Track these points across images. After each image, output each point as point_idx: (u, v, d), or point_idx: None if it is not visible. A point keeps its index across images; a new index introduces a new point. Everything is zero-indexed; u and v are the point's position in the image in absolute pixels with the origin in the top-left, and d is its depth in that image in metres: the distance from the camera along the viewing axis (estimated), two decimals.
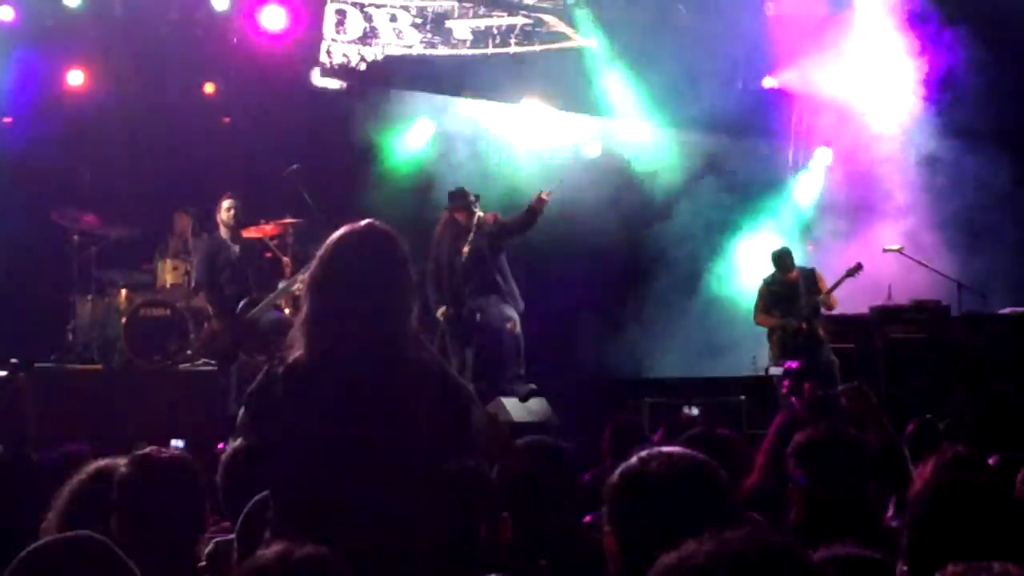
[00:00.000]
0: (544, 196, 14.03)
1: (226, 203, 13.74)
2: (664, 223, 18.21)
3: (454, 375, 4.77)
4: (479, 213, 14.18)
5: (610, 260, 18.26)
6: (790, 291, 15.46)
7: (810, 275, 15.65)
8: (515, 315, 14.19)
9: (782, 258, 15.52)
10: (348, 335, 4.42)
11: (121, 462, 4.51)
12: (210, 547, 4.90)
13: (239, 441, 4.98)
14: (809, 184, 19.15)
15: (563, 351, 17.70)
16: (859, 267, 15.54)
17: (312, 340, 4.46)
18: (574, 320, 18.13)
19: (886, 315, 16.29)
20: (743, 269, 17.82)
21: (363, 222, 4.64)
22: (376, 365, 4.40)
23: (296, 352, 4.50)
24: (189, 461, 4.58)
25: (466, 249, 14.07)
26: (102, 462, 4.58)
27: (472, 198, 14.24)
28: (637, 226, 18.38)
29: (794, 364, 13.32)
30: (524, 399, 14.01)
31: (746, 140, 18.83)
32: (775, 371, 14.77)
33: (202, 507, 4.50)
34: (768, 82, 18.95)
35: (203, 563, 4.57)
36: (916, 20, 17.92)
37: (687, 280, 18.13)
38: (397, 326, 4.46)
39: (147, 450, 4.54)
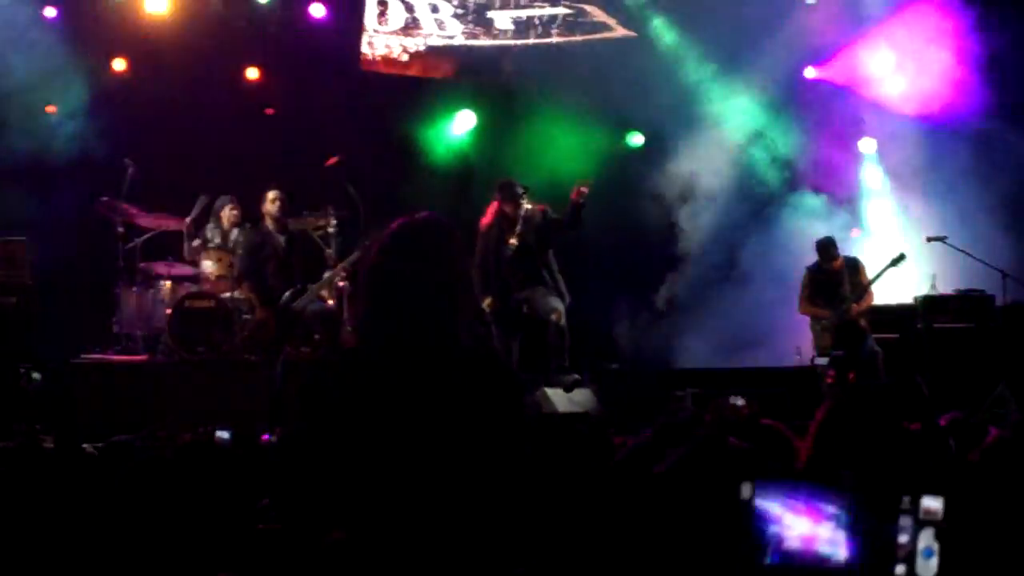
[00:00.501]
0: (582, 189, 14.00)
1: (271, 194, 13.76)
2: (702, 208, 18.14)
3: (506, 365, 4.76)
4: (527, 205, 14.18)
5: (647, 245, 18.23)
6: (834, 281, 15.40)
7: (854, 265, 15.58)
8: (561, 307, 14.19)
9: (826, 247, 15.45)
10: (402, 326, 4.43)
11: (168, 453, 4.54)
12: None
13: (290, 430, 4.99)
14: (854, 172, 19.04)
15: (601, 339, 17.67)
16: (902, 257, 15.47)
17: (366, 331, 4.47)
18: (610, 307, 18.06)
19: (930, 305, 16.21)
20: (784, 255, 17.67)
21: (420, 213, 4.64)
22: (429, 357, 4.41)
23: (350, 343, 4.52)
24: (233, 450, 4.60)
25: (513, 241, 14.08)
26: (149, 454, 4.62)
27: (520, 190, 14.24)
28: (672, 211, 18.31)
29: (840, 353, 13.27)
30: (568, 389, 14.01)
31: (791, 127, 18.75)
32: (820, 361, 14.72)
33: (248, 496, 4.51)
34: (809, 72, 18.84)
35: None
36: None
37: (725, 266, 18.06)
38: (449, 319, 4.47)
39: (193, 438, 4.56)
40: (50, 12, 16.65)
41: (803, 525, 1.40)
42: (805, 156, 18.75)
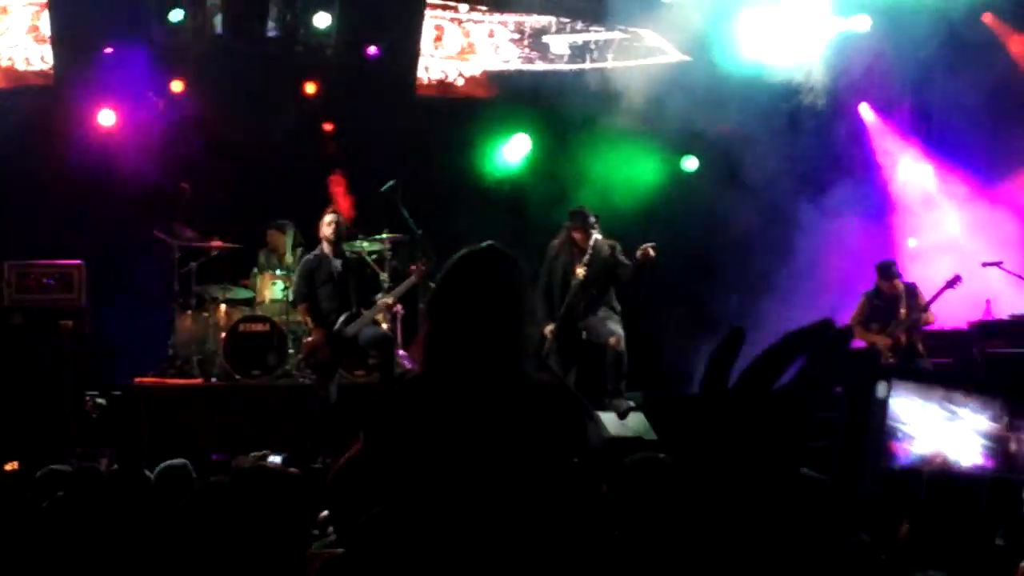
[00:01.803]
0: (649, 252, 13.91)
1: (328, 218, 13.74)
2: (752, 215, 18.04)
3: (571, 392, 4.75)
4: (597, 236, 14.16)
5: (703, 267, 18.17)
6: (891, 305, 15.29)
7: (912, 290, 15.47)
8: (620, 332, 14.15)
9: (887, 268, 15.34)
10: (466, 356, 4.43)
11: (224, 480, 4.51)
12: (321, 565, 4.90)
13: (352, 456, 4.96)
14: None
15: (648, 356, 17.60)
16: (957, 279, 15.33)
17: (430, 359, 4.48)
18: (658, 321, 17.97)
19: (985, 330, 16.09)
20: (840, 271, 17.50)
21: (484, 244, 4.66)
22: (493, 386, 4.40)
23: (414, 370, 4.52)
24: (292, 477, 4.57)
25: (581, 271, 14.05)
26: (206, 481, 4.58)
27: (592, 219, 14.21)
28: (723, 218, 18.22)
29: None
30: (622, 415, 13.95)
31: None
32: (880, 391, 14.61)
33: (306, 524, 4.48)
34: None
35: None
36: None
37: (781, 285, 17.94)
38: (514, 348, 4.47)
39: (251, 465, 4.54)
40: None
41: (935, 428, 1.36)
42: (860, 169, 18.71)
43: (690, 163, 18.91)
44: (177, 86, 17.19)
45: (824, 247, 17.61)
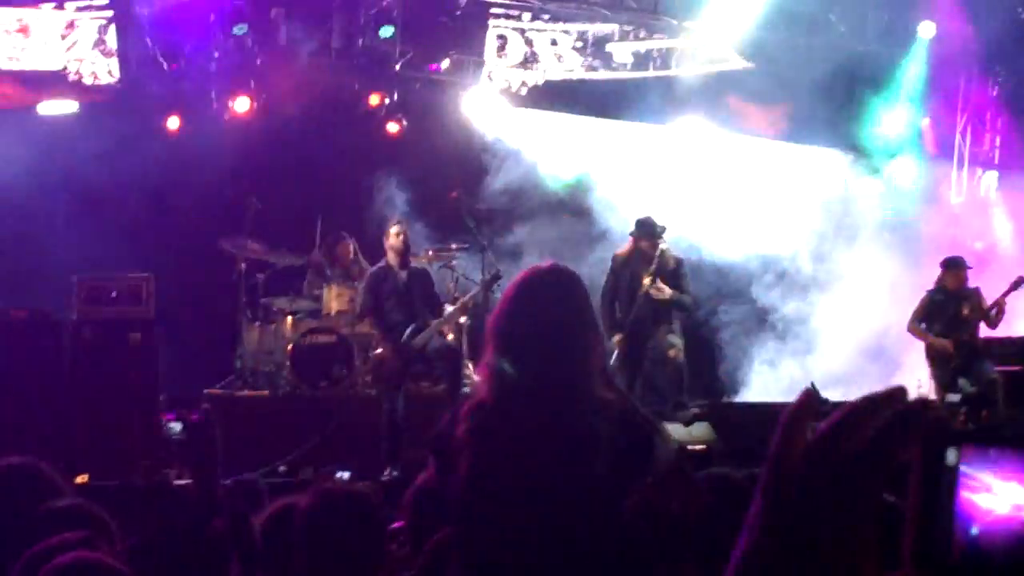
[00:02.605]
0: None
1: (395, 228, 13.70)
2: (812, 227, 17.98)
3: (639, 410, 4.72)
4: (663, 246, 14.14)
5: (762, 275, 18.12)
6: (954, 303, 15.12)
7: (972, 293, 15.30)
8: (680, 343, 14.13)
9: (956, 265, 15.19)
10: (531, 377, 4.41)
11: (301, 500, 4.51)
12: None
13: (426, 479, 4.96)
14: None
15: (719, 373, 17.56)
16: (1022, 280, 15.15)
17: (495, 381, 4.45)
18: (715, 332, 17.91)
19: None
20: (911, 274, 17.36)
21: (546, 263, 4.64)
22: (559, 407, 4.38)
23: (480, 392, 4.49)
24: (368, 496, 4.57)
25: (647, 281, 14.03)
26: (284, 501, 4.58)
27: (659, 229, 14.19)
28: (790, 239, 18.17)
29: (973, 391, 13.04)
30: (688, 424, 13.90)
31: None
32: (952, 398, 14.46)
33: (382, 542, 4.47)
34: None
35: None
36: None
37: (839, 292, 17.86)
38: (581, 367, 4.45)
39: (328, 485, 4.54)
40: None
41: (1014, 492, 1.33)
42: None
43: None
44: (243, 104, 17.25)
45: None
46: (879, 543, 1.35)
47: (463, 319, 14.73)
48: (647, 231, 14.21)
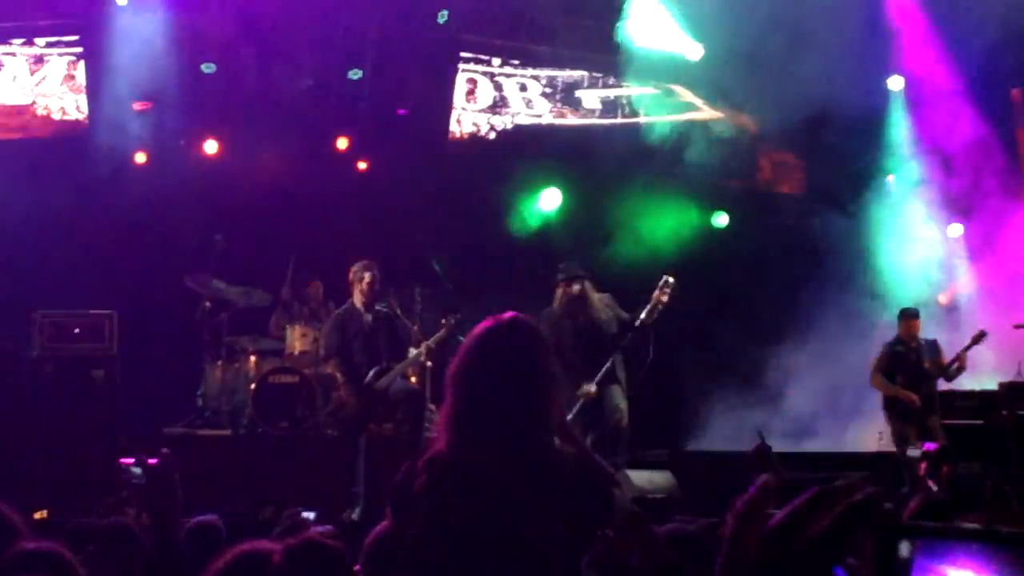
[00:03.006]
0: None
1: (364, 271, 13.61)
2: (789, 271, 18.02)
3: (596, 462, 4.71)
4: (582, 290, 13.64)
5: (732, 323, 18.15)
6: (916, 357, 15.16)
7: (933, 345, 15.35)
8: (624, 405, 13.66)
9: (912, 312, 15.20)
10: (491, 430, 4.40)
11: (268, 546, 4.48)
12: None
13: (383, 530, 4.95)
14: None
15: (680, 420, 17.59)
16: (983, 334, 15.22)
17: (454, 434, 4.45)
18: (689, 387, 17.92)
19: (1016, 392, 15.97)
20: (867, 332, 17.43)
21: (506, 315, 4.63)
22: (518, 463, 4.38)
23: (438, 446, 4.48)
24: (342, 551, 4.55)
25: (645, 316, 13.56)
26: (246, 546, 4.55)
27: (579, 272, 13.82)
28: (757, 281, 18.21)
29: (933, 446, 13.08)
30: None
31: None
32: (913, 453, 14.48)
33: None
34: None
35: None
36: None
37: (803, 345, 17.89)
38: (539, 421, 4.44)
39: (300, 538, 4.51)
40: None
41: None
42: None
43: (721, 219, 18.87)
44: (211, 146, 17.26)
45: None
46: None
47: (427, 362, 14.72)
48: (569, 275, 13.80)
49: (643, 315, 13.29)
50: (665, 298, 13.24)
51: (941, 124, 18.34)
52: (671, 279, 13.22)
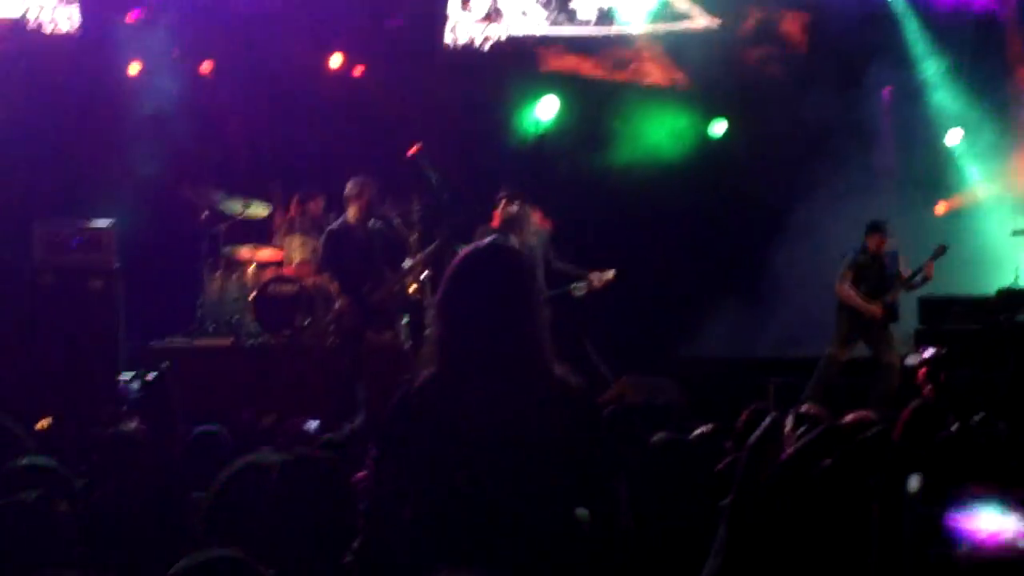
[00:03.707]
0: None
1: (367, 189, 13.59)
2: (792, 184, 17.98)
3: (591, 396, 4.75)
4: (520, 211, 13.70)
5: (730, 231, 18.14)
6: (877, 265, 15.05)
7: (894, 257, 15.19)
8: None
9: (881, 225, 15.08)
10: (479, 353, 4.44)
11: (271, 457, 4.55)
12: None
13: (373, 457, 4.98)
14: None
15: (685, 327, 17.62)
16: (943, 249, 15.11)
17: (443, 358, 4.48)
18: (701, 291, 17.93)
19: (1012, 298, 16.04)
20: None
21: (486, 240, 4.66)
22: (510, 384, 4.41)
23: (427, 370, 4.52)
24: (340, 462, 4.62)
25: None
26: (249, 457, 4.62)
27: (520, 193, 13.84)
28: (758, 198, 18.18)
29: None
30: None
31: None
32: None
33: (354, 506, 4.51)
34: None
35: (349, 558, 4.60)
36: None
37: (807, 251, 17.89)
38: (527, 341, 4.47)
39: (300, 450, 4.58)
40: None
41: (991, 519, 1.41)
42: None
43: (718, 127, 18.79)
44: (206, 66, 17.16)
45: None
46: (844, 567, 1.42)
47: (424, 273, 14.76)
48: (512, 192, 13.83)
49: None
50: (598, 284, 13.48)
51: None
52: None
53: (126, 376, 13.62)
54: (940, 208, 18.54)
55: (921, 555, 1.30)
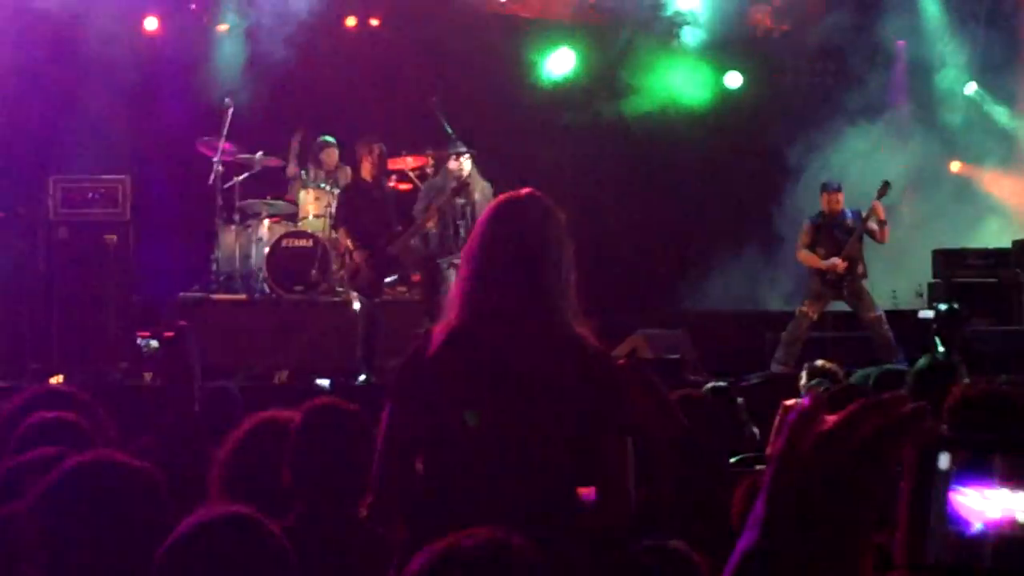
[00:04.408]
0: None
1: (376, 148, 13.56)
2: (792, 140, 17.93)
3: (608, 355, 4.72)
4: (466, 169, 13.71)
5: (741, 186, 18.09)
6: (834, 225, 14.77)
7: (857, 215, 14.89)
8: None
9: (830, 187, 14.86)
10: (503, 303, 4.41)
11: (286, 414, 4.54)
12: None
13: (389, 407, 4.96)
14: None
15: (700, 279, 17.59)
16: (887, 185, 14.87)
17: (466, 305, 4.46)
18: (705, 245, 17.90)
19: None
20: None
21: (522, 191, 4.62)
22: (530, 335, 4.39)
23: (449, 316, 4.50)
24: (358, 412, 4.61)
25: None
26: (265, 414, 4.61)
27: (470, 150, 13.81)
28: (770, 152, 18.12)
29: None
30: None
31: None
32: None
33: (369, 459, 4.51)
34: None
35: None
36: None
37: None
38: (556, 298, 4.44)
39: (319, 403, 4.57)
40: None
41: (1005, 497, 1.39)
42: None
43: (733, 78, 18.71)
44: (223, 26, 17.10)
45: None
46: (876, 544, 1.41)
47: (432, 224, 14.68)
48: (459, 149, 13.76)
49: None
50: None
51: None
52: None
53: (144, 335, 13.64)
54: (955, 166, 18.47)
55: (947, 535, 1.29)
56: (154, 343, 13.49)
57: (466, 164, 13.59)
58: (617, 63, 18.08)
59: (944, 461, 1.44)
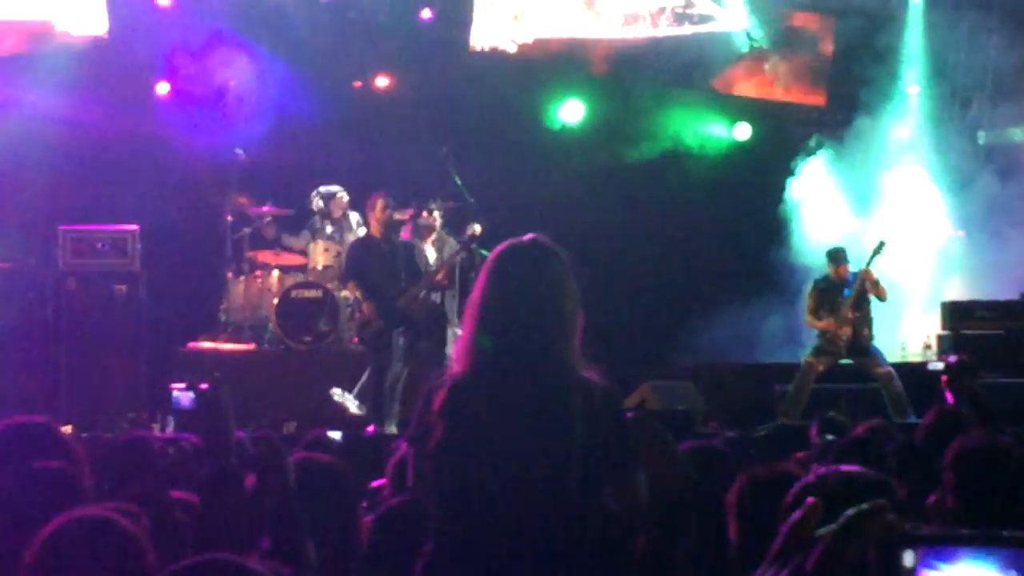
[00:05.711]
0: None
1: (380, 203, 13.60)
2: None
3: (618, 395, 4.71)
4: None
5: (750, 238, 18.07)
6: (838, 291, 14.77)
7: (855, 276, 14.85)
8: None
9: (837, 254, 14.83)
10: (510, 352, 4.40)
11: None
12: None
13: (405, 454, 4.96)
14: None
15: (696, 330, 17.54)
16: (882, 244, 14.87)
17: (473, 356, 4.44)
18: (699, 295, 17.85)
19: None
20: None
21: (527, 237, 4.60)
22: (538, 383, 4.37)
23: (456, 368, 4.48)
24: (343, 467, 4.62)
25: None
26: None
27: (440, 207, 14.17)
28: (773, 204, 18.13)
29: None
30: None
31: None
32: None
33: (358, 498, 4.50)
34: None
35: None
36: None
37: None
38: (561, 344, 4.43)
39: (299, 455, 4.58)
40: None
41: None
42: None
43: (742, 130, 18.72)
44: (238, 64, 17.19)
45: None
46: None
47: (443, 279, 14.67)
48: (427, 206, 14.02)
49: None
50: None
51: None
52: None
53: (179, 387, 13.59)
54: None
55: None
56: (189, 395, 13.45)
57: (431, 218, 13.76)
58: (627, 112, 18.12)
59: (908, 558, 1.43)
